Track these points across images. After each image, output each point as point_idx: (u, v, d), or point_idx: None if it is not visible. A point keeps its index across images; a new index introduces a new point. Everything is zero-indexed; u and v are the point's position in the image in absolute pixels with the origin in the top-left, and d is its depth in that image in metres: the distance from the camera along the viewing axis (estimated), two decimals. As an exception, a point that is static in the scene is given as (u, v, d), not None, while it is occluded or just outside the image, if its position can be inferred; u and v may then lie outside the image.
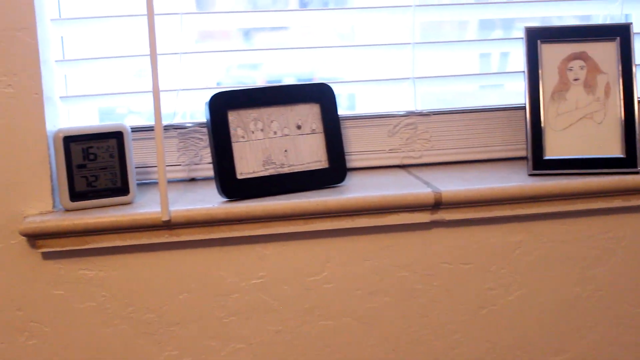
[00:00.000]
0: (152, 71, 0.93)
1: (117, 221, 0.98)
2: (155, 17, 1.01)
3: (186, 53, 1.10)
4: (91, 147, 1.00)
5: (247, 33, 1.28)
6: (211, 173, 1.11)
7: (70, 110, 1.10)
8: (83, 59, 1.08)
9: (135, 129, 1.08)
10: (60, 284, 1.01)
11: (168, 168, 1.10)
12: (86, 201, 1.00)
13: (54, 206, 1.00)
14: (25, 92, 0.98)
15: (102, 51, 1.13)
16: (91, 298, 1.01)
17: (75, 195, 1.00)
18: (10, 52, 0.97)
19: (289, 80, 1.32)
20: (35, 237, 0.98)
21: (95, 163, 1.01)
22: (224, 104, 1.02)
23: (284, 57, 1.14)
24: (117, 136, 1.01)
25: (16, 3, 0.96)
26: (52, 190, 1.00)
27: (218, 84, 1.26)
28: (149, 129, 1.09)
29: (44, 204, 1.00)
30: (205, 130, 1.11)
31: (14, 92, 0.98)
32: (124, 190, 1.02)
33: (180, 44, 1.09)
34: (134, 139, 1.07)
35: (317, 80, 1.31)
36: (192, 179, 1.13)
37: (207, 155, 1.11)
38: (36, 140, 0.99)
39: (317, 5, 1.28)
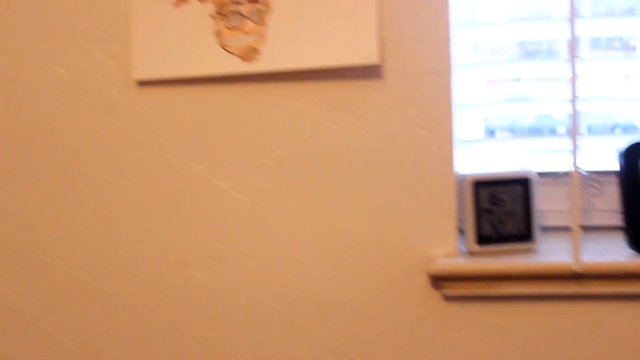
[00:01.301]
0: (572, 117, 0.92)
1: (526, 268, 0.97)
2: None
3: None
4: (498, 192, 1.00)
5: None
6: (602, 222, 1.08)
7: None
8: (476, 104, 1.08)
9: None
10: (459, 327, 1.01)
11: (556, 214, 1.08)
12: (491, 246, 1.00)
13: (458, 249, 1.00)
14: (437, 135, 0.99)
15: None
16: (488, 343, 1.01)
17: (481, 239, 1.00)
18: (426, 95, 0.99)
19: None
20: (441, 279, 0.99)
21: (501, 208, 1.00)
22: (638, 155, 0.98)
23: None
24: (523, 182, 1.00)
25: (434, 48, 0.98)
26: (457, 233, 1.00)
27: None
28: (546, 174, 1.07)
29: (449, 246, 1.00)
30: (598, 178, 1.08)
31: (427, 135, 0.99)
32: (527, 236, 1.00)
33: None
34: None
35: None
36: (582, 227, 1.09)
37: (599, 203, 1.08)
38: (446, 183, 1.00)
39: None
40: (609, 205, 1.06)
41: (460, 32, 1.04)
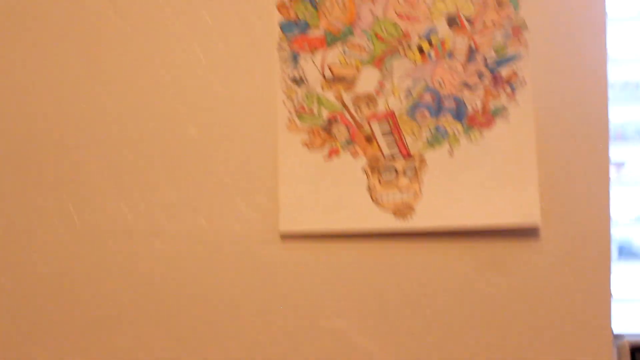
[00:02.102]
0: None
1: None
2: None
3: None
4: (657, 357, 0.97)
5: None
6: None
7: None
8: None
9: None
10: None
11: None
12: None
13: (614, 417, 0.96)
14: (594, 298, 0.97)
15: None
16: None
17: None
18: (584, 257, 0.97)
19: None
20: None
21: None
22: None
23: None
24: (680, 347, 0.97)
25: (592, 210, 0.96)
26: (614, 400, 0.96)
27: None
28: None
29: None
30: None
31: (584, 297, 0.97)
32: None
33: None
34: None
35: None
36: None
37: None
38: (602, 347, 0.96)
39: None
40: None
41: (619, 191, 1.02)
